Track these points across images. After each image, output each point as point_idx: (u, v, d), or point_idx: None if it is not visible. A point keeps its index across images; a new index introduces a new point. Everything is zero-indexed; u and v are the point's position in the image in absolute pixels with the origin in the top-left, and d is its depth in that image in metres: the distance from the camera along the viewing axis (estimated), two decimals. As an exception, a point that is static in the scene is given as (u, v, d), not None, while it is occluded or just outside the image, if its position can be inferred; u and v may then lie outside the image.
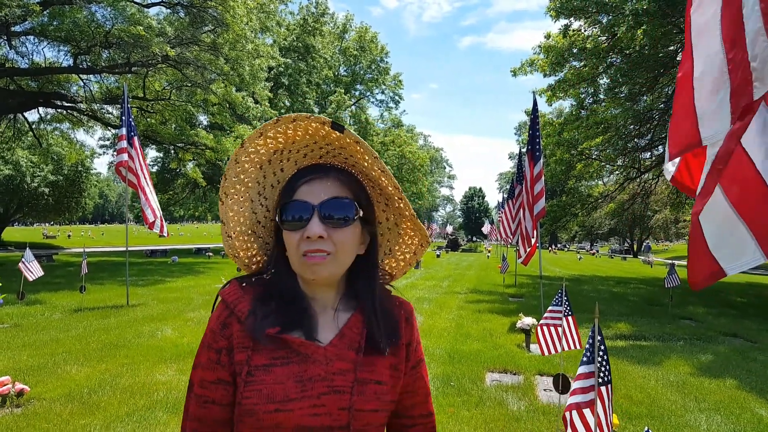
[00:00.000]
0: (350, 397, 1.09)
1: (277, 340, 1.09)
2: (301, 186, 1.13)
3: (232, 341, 1.10)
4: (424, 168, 62.48)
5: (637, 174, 23.80)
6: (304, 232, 1.09)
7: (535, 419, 5.20)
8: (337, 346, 1.13)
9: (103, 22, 19.56)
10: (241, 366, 1.08)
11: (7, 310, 10.03)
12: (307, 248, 1.09)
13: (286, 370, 1.08)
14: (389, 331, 1.20)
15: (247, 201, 1.23)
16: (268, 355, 1.09)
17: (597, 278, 24.18)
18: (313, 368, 1.09)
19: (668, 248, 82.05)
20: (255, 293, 1.15)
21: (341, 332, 1.16)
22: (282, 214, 1.13)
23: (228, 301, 1.14)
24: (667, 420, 5.31)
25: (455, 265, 30.22)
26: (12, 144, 27.93)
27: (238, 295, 1.15)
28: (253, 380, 1.06)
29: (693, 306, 14.03)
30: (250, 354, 1.08)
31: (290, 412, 1.05)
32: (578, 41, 18.63)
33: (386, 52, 56.61)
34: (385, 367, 1.17)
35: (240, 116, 29.40)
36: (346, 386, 1.10)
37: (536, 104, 10.69)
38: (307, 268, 1.10)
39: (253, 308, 1.12)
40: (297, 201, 1.11)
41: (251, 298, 1.14)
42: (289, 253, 1.13)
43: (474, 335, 9.33)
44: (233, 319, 1.12)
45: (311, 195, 1.12)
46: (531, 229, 10.85)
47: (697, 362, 7.90)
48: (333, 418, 1.07)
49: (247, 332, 1.10)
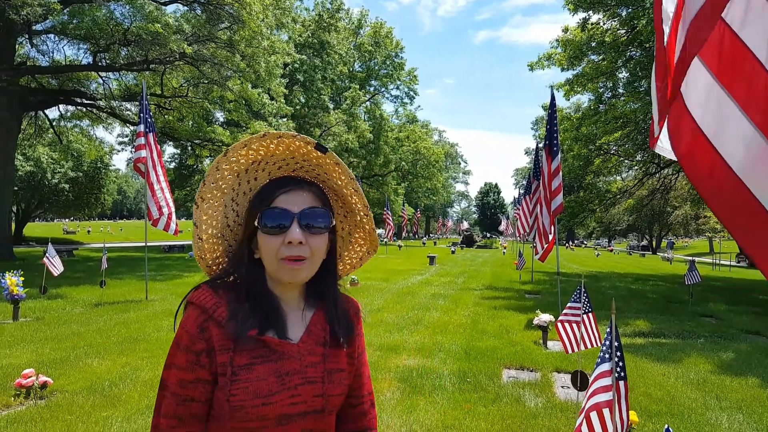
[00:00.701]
0: (322, 386, 1.25)
1: (256, 341, 1.20)
2: (280, 195, 1.23)
3: (212, 343, 1.18)
4: (439, 164, 62.43)
5: (656, 169, 23.54)
6: (285, 238, 1.19)
7: (552, 416, 5.18)
8: (306, 342, 1.27)
9: (122, 20, 19.79)
10: (224, 367, 1.17)
11: (30, 305, 10.19)
12: (289, 253, 1.19)
13: (267, 368, 1.19)
14: (346, 326, 1.35)
15: (221, 206, 1.31)
16: (248, 355, 1.19)
17: (615, 275, 23.96)
18: (289, 363, 1.22)
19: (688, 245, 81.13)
20: (229, 297, 1.22)
21: (308, 329, 1.29)
22: (262, 219, 1.21)
23: (206, 306, 1.19)
24: (687, 418, 5.26)
25: (470, 262, 30.12)
26: (33, 141, 28.37)
27: (214, 300, 1.21)
28: (238, 379, 1.16)
29: (714, 303, 13.85)
30: (232, 355, 1.17)
31: (273, 405, 1.17)
32: (597, 35, 18.46)
33: (401, 47, 56.53)
34: (344, 357, 1.34)
35: (256, 113, 29.55)
36: (318, 376, 1.25)
37: (554, 99, 10.60)
38: (286, 271, 1.21)
39: (231, 312, 1.20)
40: (278, 208, 1.21)
41: (226, 302, 1.21)
42: (267, 256, 1.22)
43: (490, 332, 9.30)
44: (211, 323, 1.18)
45: (291, 204, 1.22)
46: (548, 225, 10.78)
47: (718, 360, 7.80)
48: (309, 405, 1.23)
49: (228, 335, 1.18)
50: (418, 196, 74.34)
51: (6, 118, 19.87)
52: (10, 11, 15.32)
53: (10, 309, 9.14)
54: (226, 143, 25.17)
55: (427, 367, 6.81)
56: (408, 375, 6.42)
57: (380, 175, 54.67)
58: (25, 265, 15.73)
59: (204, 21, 21.38)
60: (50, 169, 35.04)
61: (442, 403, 5.46)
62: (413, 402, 5.47)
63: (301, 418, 1.22)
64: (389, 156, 53.13)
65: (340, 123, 42.87)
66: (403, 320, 10.11)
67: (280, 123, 34.22)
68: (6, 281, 8.66)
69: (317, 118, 41.88)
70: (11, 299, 8.82)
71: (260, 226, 1.21)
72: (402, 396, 5.66)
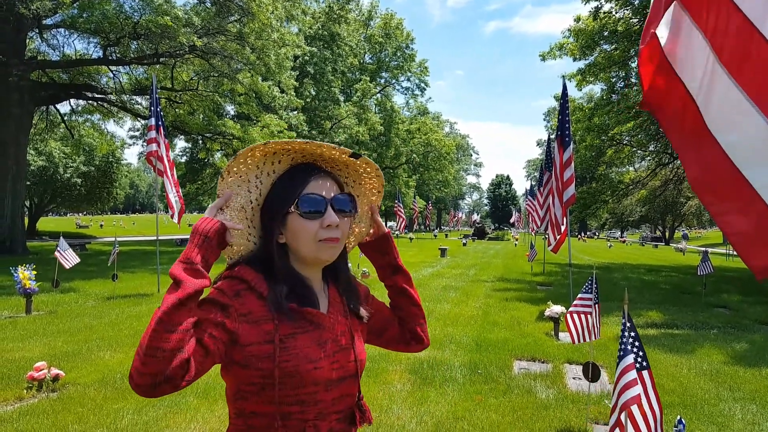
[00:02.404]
0: (353, 351, 1.37)
1: (296, 313, 1.30)
2: (311, 182, 1.33)
3: (244, 310, 1.24)
4: (451, 156, 62.16)
5: (669, 159, 23.27)
6: (323, 221, 1.30)
7: (564, 407, 5.14)
8: (332, 313, 1.38)
9: (132, 14, 19.83)
10: (270, 335, 1.24)
11: (43, 298, 10.28)
12: (327, 235, 1.31)
13: (308, 337, 1.29)
14: (357, 299, 1.48)
15: (245, 182, 1.35)
16: (291, 326, 1.27)
17: (627, 266, 23.80)
18: (325, 333, 1.33)
19: (701, 235, 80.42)
20: (265, 275, 1.31)
21: (330, 302, 1.41)
22: (300, 205, 1.30)
23: (248, 279, 1.28)
24: (700, 409, 5.20)
25: (482, 254, 30.04)
26: (45, 135, 28.59)
27: (254, 275, 1.29)
28: (287, 346, 1.25)
29: (727, 294, 13.71)
30: (277, 324, 1.25)
31: (321, 369, 1.28)
32: (609, 24, 18.25)
33: (412, 38, 56.26)
34: (361, 326, 1.48)
35: (266, 105, 29.57)
36: (348, 343, 1.37)
37: (566, 89, 10.49)
38: (326, 250, 1.33)
39: (271, 287, 1.29)
40: (314, 194, 1.31)
41: (264, 279, 1.30)
42: (304, 238, 1.31)
43: (501, 323, 9.26)
44: (251, 294, 1.27)
45: (322, 190, 1.33)
46: (560, 216, 10.70)
47: (731, 351, 7.71)
48: (345, 370, 1.34)
49: (270, 306, 1.27)
50: (429, 189, 74.16)
51: (18, 113, 20.02)
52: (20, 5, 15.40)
53: (23, 302, 9.22)
54: (237, 136, 25.23)
55: (437, 359, 6.79)
56: (419, 367, 6.41)
57: (391, 168, 54.55)
58: (38, 259, 15.89)
59: (214, 14, 21.39)
60: (62, 163, 35.31)
61: (452, 395, 5.44)
62: (424, 394, 5.46)
63: (342, 382, 1.33)
64: (400, 148, 52.98)
65: (351, 115, 42.81)
66: (413, 312, 10.08)
67: (290, 116, 34.24)
68: (19, 275, 8.74)
69: (328, 110, 41.84)
70: (24, 293, 8.90)
71: (299, 210, 1.30)
72: (413, 388, 5.65)
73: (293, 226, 1.31)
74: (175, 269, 1.15)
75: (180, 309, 1.09)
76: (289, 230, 1.32)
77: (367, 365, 6.31)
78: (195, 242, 1.19)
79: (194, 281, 1.13)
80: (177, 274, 1.15)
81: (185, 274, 1.14)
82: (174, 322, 1.08)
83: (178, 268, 1.15)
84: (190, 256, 1.17)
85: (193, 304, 1.13)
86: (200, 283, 1.14)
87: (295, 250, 1.34)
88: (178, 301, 1.09)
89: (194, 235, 1.20)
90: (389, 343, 1.62)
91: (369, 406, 1.42)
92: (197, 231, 1.21)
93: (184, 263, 1.16)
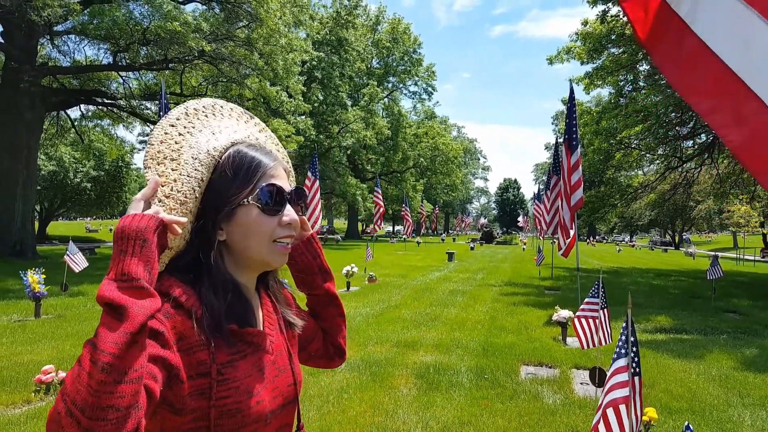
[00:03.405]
0: (292, 373, 1.16)
1: (236, 336, 1.05)
2: (271, 167, 1.10)
3: (176, 334, 0.96)
4: (458, 160, 62.18)
5: (678, 163, 23.15)
6: (281, 218, 1.08)
7: (570, 413, 5.11)
8: (269, 329, 1.16)
9: (141, 20, 19.96)
10: (206, 366, 0.98)
11: (51, 302, 10.34)
12: (285, 233, 1.09)
13: (247, 363, 1.05)
14: (289, 303, 1.28)
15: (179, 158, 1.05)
16: (227, 351, 1.02)
17: (636, 270, 23.66)
18: (264, 356, 1.10)
19: (711, 240, 79.85)
20: (195, 286, 1.03)
21: (265, 315, 1.18)
22: (262, 196, 1.06)
23: (175, 293, 0.99)
24: (708, 415, 5.16)
25: (490, 258, 29.96)
26: (55, 140, 28.81)
27: (181, 288, 1.01)
28: (226, 378, 1.00)
29: (737, 299, 13.60)
30: (213, 352, 1.00)
31: (263, 402, 1.05)
32: (617, 27, 18.20)
33: (419, 43, 56.40)
34: (293, 335, 1.25)
35: (274, 110, 29.65)
36: (286, 364, 1.16)
37: (573, 93, 10.45)
38: (278, 255, 1.10)
39: (207, 304, 1.02)
40: (276, 185, 1.08)
41: (195, 292, 1.02)
42: (257, 236, 1.07)
43: (509, 328, 9.23)
44: (179, 314, 0.98)
45: (281, 179, 1.11)
46: (569, 220, 10.66)
47: (741, 356, 7.65)
48: (285, 396, 1.12)
49: (205, 329, 1.00)
50: (436, 193, 74.20)
51: (29, 118, 20.18)
52: (31, 12, 15.53)
53: (32, 306, 9.28)
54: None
55: (444, 364, 6.77)
56: (425, 371, 6.39)
57: (399, 172, 54.61)
58: (48, 263, 15.99)
59: (222, 19, 21.49)
60: (72, 168, 35.53)
61: (459, 400, 5.43)
62: (430, 398, 5.45)
63: (280, 411, 1.10)
64: (408, 152, 53.05)
65: (358, 120, 42.87)
66: (420, 316, 10.08)
67: (298, 120, 34.34)
68: (28, 279, 8.80)
69: (335, 115, 41.93)
70: (33, 297, 8.95)
71: (259, 203, 1.06)
72: (419, 392, 5.64)
73: (245, 220, 1.06)
74: (107, 291, 0.82)
75: (132, 348, 0.79)
76: (238, 225, 1.06)
77: (373, 369, 6.32)
78: (129, 249, 0.86)
79: (143, 304, 0.82)
80: (114, 297, 0.81)
81: (125, 295, 0.82)
82: (127, 368, 0.78)
83: (112, 289, 0.82)
84: (127, 270, 0.84)
85: (145, 337, 0.82)
86: (151, 306, 0.83)
87: (240, 250, 1.08)
88: (129, 338, 0.78)
89: (124, 239, 0.86)
90: (312, 358, 1.38)
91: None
92: (128, 234, 0.87)
93: (119, 281, 0.84)
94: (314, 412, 4.95)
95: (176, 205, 1.01)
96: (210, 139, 1.08)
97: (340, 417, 4.82)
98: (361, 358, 6.89)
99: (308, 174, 14.41)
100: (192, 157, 1.04)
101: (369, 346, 7.57)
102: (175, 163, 1.03)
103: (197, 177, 1.04)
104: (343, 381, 5.90)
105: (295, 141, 29.99)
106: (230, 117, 1.16)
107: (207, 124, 1.11)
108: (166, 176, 1.02)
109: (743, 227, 43.74)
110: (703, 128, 20.79)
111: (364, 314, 10.11)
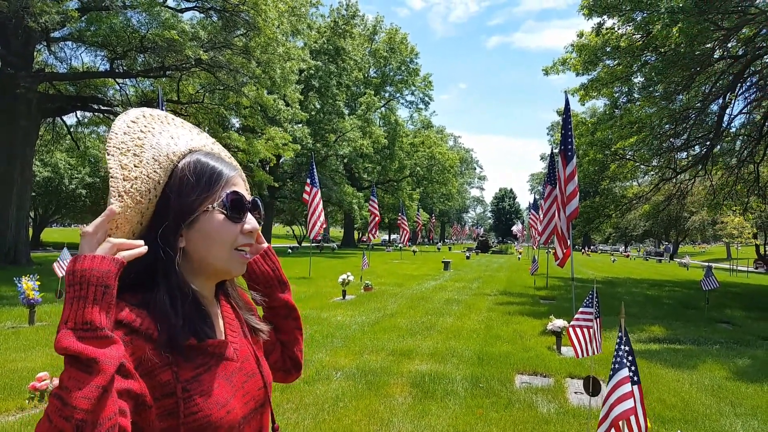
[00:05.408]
0: (261, 377, 1.17)
1: (195, 350, 1.03)
2: (233, 174, 1.11)
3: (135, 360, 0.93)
4: (454, 169, 62.27)
5: (672, 174, 23.28)
6: (243, 226, 1.08)
7: (565, 422, 5.13)
8: (232, 336, 1.15)
9: (139, 27, 20.02)
10: (170, 386, 0.97)
11: (46, 309, 10.30)
12: (246, 241, 1.09)
13: (212, 375, 1.04)
14: (251, 308, 1.28)
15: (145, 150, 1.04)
16: (190, 366, 1.01)
17: (630, 281, 23.72)
18: (229, 364, 1.09)
19: (705, 250, 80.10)
20: (146, 302, 1.00)
21: (227, 323, 1.17)
22: (228, 203, 1.06)
23: (127, 318, 0.94)
24: (701, 424, 5.19)
25: (485, 267, 29.99)
26: (51, 147, 28.79)
27: (130, 308, 0.96)
28: (192, 394, 0.99)
29: (731, 309, 13.66)
30: (175, 370, 0.98)
31: (234, 411, 1.04)
32: (612, 39, 18.33)
33: (416, 53, 56.73)
34: (258, 340, 1.26)
35: (271, 119, 29.75)
36: (254, 368, 1.16)
37: (568, 104, 10.56)
38: (239, 263, 1.10)
39: (162, 322, 0.99)
40: (239, 192, 1.08)
41: (148, 310, 0.99)
42: (220, 243, 1.06)
43: (504, 337, 9.25)
44: (134, 336, 0.94)
45: (242, 189, 1.11)
46: (565, 229, 10.72)
47: (733, 366, 7.69)
48: (256, 400, 1.14)
49: (163, 349, 0.98)
50: (433, 202, 74.28)
51: (24, 124, 20.16)
52: (28, 19, 15.56)
53: (26, 313, 9.24)
54: (242, 149, 25.35)
55: (439, 372, 6.78)
56: (420, 380, 6.40)
57: (395, 181, 54.74)
58: (42, 269, 15.92)
59: (220, 28, 21.57)
60: (67, 174, 35.46)
61: (454, 408, 5.44)
62: (425, 407, 5.46)
63: (252, 416, 1.11)
64: (404, 161, 53.22)
65: (355, 128, 42.98)
66: (416, 325, 10.09)
67: (295, 129, 34.41)
68: (22, 285, 8.77)
69: (332, 123, 42.05)
70: (27, 303, 8.92)
71: (224, 210, 1.06)
72: (414, 401, 5.65)
73: (207, 226, 1.05)
74: (70, 342, 0.79)
75: (105, 400, 0.78)
76: (199, 231, 1.05)
77: (368, 378, 6.33)
78: (89, 296, 0.82)
79: (110, 354, 0.81)
80: (81, 350, 0.78)
81: (91, 346, 0.79)
82: (101, 420, 0.77)
83: (73, 340, 0.79)
84: (89, 318, 0.81)
85: (113, 385, 0.81)
86: (117, 354, 0.82)
87: (200, 257, 1.07)
88: (101, 391, 0.77)
89: (84, 285, 0.82)
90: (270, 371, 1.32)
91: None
92: (87, 279, 0.83)
93: (81, 330, 0.80)
94: (309, 420, 4.95)
95: (132, 204, 0.99)
96: (170, 142, 1.08)
97: (336, 425, 4.82)
98: (357, 367, 6.89)
99: (307, 182, 14.41)
100: (153, 158, 1.03)
101: (364, 355, 7.57)
102: (137, 159, 1.01)
103: (155, 179, 1.03)
104: (339, 389, 5.91)
105: (292, 149, 30.08)
106: (183, 127, 1.16)
107: (165, 129, 1.10)
108: (129, 170, 0.99)
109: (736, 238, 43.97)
110: (697, 140, 20.94)
111: (359, 323, 10.11)
